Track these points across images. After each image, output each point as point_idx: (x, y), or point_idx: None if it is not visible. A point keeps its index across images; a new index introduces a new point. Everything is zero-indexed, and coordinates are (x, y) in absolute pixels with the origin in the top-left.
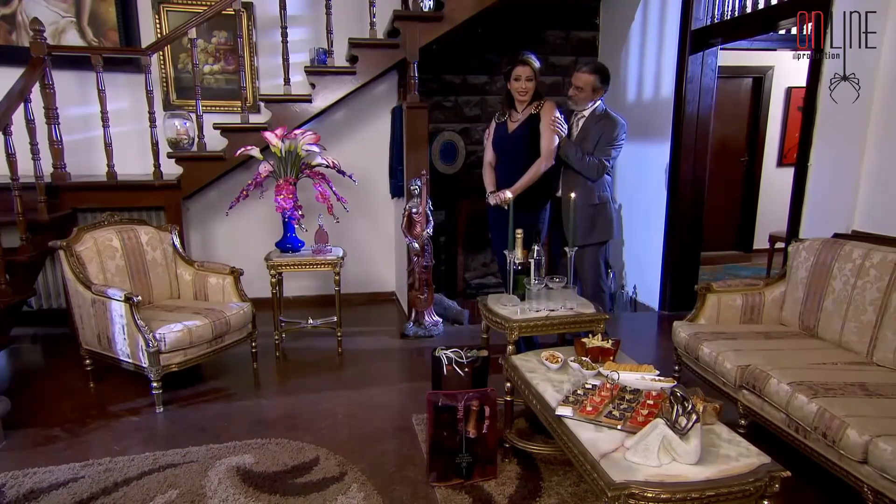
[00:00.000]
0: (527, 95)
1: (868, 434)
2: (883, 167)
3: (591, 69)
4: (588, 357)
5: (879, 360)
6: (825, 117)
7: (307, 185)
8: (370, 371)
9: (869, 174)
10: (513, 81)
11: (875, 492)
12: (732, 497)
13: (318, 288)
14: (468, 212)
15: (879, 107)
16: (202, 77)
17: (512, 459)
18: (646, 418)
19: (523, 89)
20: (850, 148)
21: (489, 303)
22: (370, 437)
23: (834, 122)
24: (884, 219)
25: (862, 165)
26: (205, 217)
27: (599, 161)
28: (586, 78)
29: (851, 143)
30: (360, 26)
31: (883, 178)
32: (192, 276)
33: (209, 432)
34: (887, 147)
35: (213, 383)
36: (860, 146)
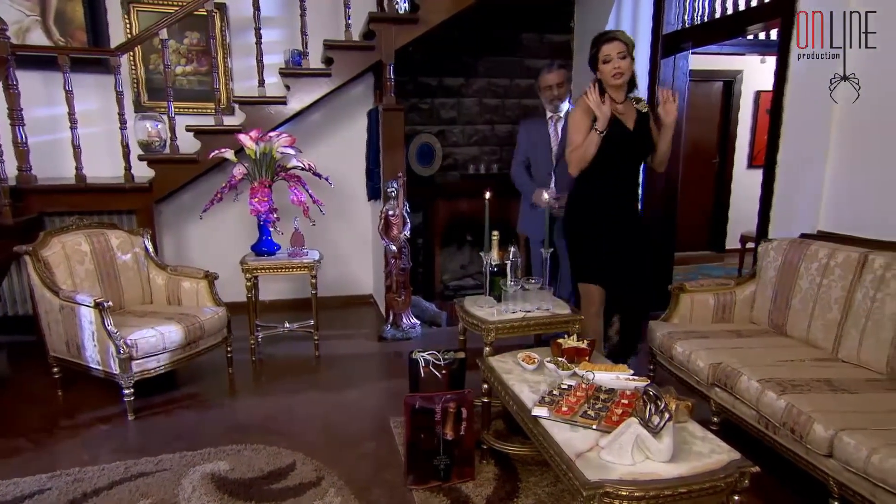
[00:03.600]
0: (622, 78)
1: (833, 428)
2: (845, 169)
3: (561, 66)
4: (564, 357)
5: (844, 357)
6: (791, 120)
7: (282, 188)
8: (348, 374)
9: (833, 176)
10: (602, 65)
11: (840, 484)
12: (704, 493)
13: (295, 291)
14: (446, 213)
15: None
16: (174, 78)
17: (490, 460)
18: (620, 417)
19: (618, 71)
20: (815, 150)
21: (466, 305)
22: (348, 441)
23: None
24: (847, 219)
25: (826, 167)
26: (178, 220)
27: None
28: (563, 73)
29: (816, 145)
30: (335, 28)
31: (845, 180)
32: (165, 281)
33: (183, 439)
34: (849, 150)
35: (188, 389)
36: (824, 149)
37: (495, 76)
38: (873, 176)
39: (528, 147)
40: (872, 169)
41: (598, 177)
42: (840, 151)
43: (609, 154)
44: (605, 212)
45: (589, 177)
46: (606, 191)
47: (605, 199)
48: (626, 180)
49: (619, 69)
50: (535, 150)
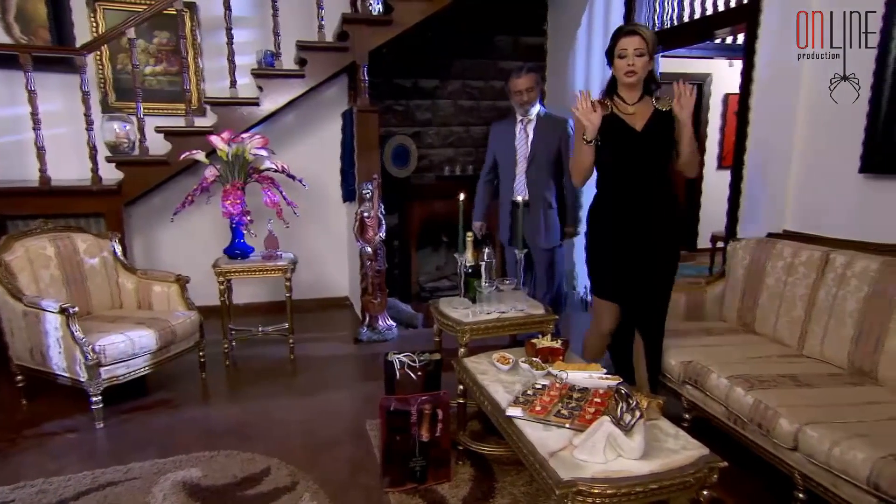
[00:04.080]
0: (634, 77)
1: (798, 423)
2: (808, 170)
3: (530, 69)
4: (538, 357)
5: (808, 353)
6: (757, 122)
7: (256, 190)
8: (323, 377)
9: (796, 176)
10: (617, 59)
11: (804, 476)
12: (675, 489)
13: (270, 294)
14: (421, 215)
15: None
16: (143, 78)
17: (466, 461)
18: (593, 416)
19: (631, 69)
20: (780, 152)
21: (441, 306)
22: (323, 445)
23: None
24: (810, 218)
25: (791, 168)
26: (148, 223)
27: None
28: (533, 77)
29: (781, 147)
30: (308, 29)
31: (808, 181)
32: (135, 285)
33: (154, 446)
34: (811, 151)
35: (159, 395)
36: (789, 151)
37: (470, 78)
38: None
39: (497, 149)
40: (830, 170)
41: (608, 185)
42: (802, 153)
43: (616, 160)
44: (616, 221)
45: (599, 185)
46: (617, 199)
47: (616, 208)
48: (639, 187)
49: (633, 67)
50: (503, 153)
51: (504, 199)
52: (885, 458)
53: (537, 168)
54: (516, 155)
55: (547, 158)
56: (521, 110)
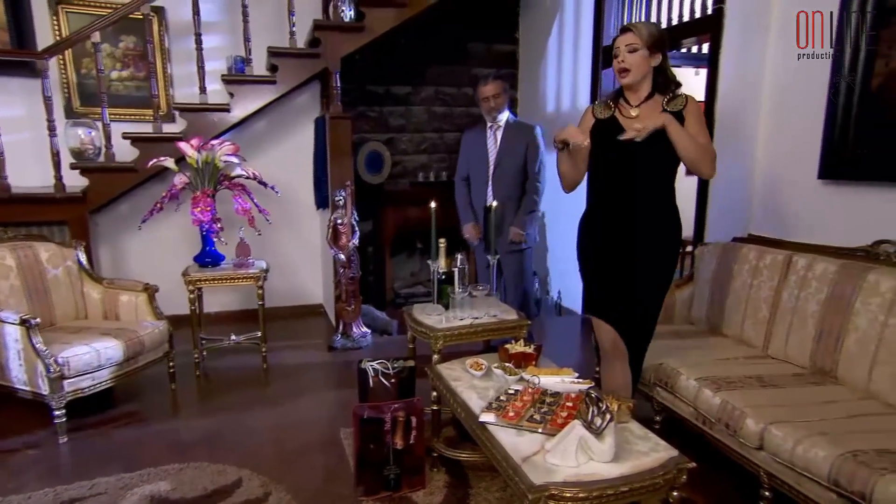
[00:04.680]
0: (628, 76)
1: (763, 422)
2: (770, 176)
3: (496, 77)
4: (511, 363)
5: (773, 353)
6: (722, 129)
7: (227, 197)
8: (297, 386)
9: (760, 182)
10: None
11: (769, 475)
12: (645, 490)
13: (242, 302)
14: (395, 221)
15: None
16: (109, 83)
17: (440, 468)
18: (565, 420)
19: (622, 66)
20: (744, 158)
21: (414, 313)
22: (296, 454)
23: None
24: (774, 223)
25: (755, 174)
26: (115, 231)
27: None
28: (500, 84)
29: (745, 153)
30: (279, 35)
31: (771, 186)
32: (101, 295)
33: (120, 460)
34: (773, 158)
35: (126, 407)
36: (752, 157)
37: (443, 85)
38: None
39: (469, 155)
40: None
41: (596, 196)
42: (765, 160)
43: (604, 169)
44: (600, 236)
45: (588, 195)
46: (604, 213)
47: (602, 222)
48: (628, 200)
49: (624, 64)
50: (474, 159)
51: (477, 204)
52: (843, 456)
53: (504, 174)
54: (487, 161)
55: (514, 164)
56: (489, 117)
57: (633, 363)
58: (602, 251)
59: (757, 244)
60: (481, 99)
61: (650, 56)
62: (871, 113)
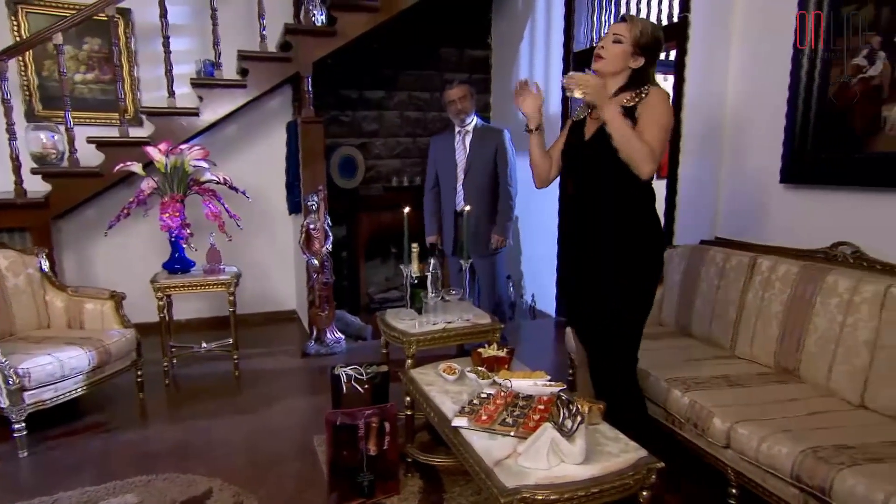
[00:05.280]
0: (600, 63)
1: (730, 421)
2: (736, 180)
3: (462, 81)
4: (484, 367)
5: (739, 353)
6: (689, 135)
7: (197, 203)
8: (270, 393)
9: (726, 186)
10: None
11: (736, 472)
12: (615, 491)
13: (214, 309)
14: (369, 226)
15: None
16: (73, 86)
17: (414, 474)
18: (537, 423)
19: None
20: (711, 163)
21: (387, 318)
22: (269, 463)
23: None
24: (740, 226)
25: (721, 178)
26: (81, 238)
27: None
28: (466, 88)
29: (712, 158)
30: (249, 38)
31: (736, 190)
32: (65, 303)
33: (85, 473)
34: (738, 163)
35: (92, 418)
36: (718, 161)
37: (416, 89)
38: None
39: (438, 161)
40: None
41: (571, 199)
42: (730, 165)
43: (574, 171)
44: (574, 238)
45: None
46: (574, 214)
47: (574, 224)
48: (589, 201)
49: (601, 52)
50: (444, 164)
51: (446, 209)
52: (804, 452)
53: (474, 177)
54: (456, 165)
55: (484, 168)
56: (457, 120)
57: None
58: (574, 259)
59: (723, 247)
60: (448, 102)
61: (632, 56)
62: (828, 119)
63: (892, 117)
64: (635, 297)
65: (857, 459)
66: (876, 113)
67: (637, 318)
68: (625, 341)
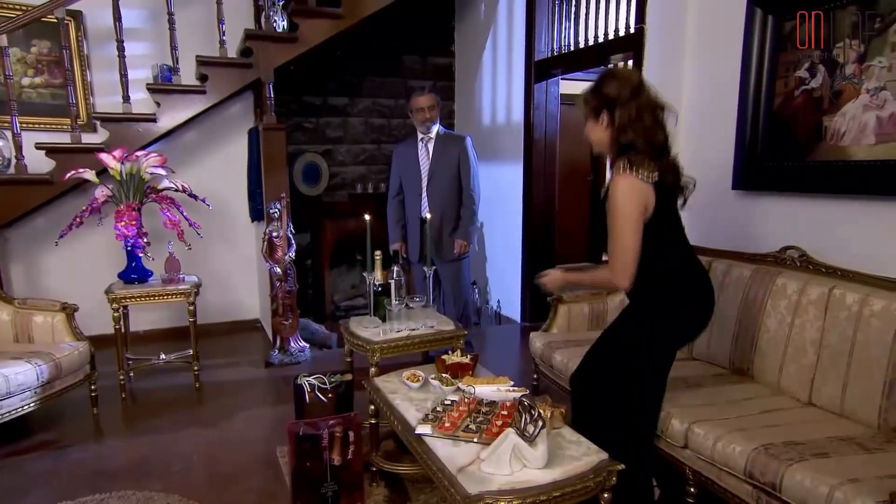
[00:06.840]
0: (597, 147)
1: (687, 422)
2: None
3: (430, 90)
4: (448, 373)
5: (697, 355)
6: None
7: (155, 211)
8: (232, 405)
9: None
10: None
11: (694, 471)
12: (577, 494)
13: (174, 320)
14: (334, 233)
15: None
16: (20, 90)
17: (380, 483)
18: (500, 429)
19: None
20: None
21: (351, 326)
22: (230, 477)
23: None
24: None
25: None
26: (30, 248)
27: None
28: (434, 97)
29: None
30: (209, 44)
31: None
32: (12, 316)
33: (33, 495)
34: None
35: (42, 436)
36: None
37: (380, 96)
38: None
39: (401, 169)
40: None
41: None
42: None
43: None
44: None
45: None
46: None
47: None
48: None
49: (587, 137)
50: (407, 172)
51: (412, 217)
52: (756, 449)
53: (438, 184)
54: (420, 173)
55: (447, 175)
56: (422, 128)
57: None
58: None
59: None
60: (416, 110)
61: (596, 123)
62: (775, 129)
63: (832, 127)
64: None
65: (804, 455)
66: (818, 122)
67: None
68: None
